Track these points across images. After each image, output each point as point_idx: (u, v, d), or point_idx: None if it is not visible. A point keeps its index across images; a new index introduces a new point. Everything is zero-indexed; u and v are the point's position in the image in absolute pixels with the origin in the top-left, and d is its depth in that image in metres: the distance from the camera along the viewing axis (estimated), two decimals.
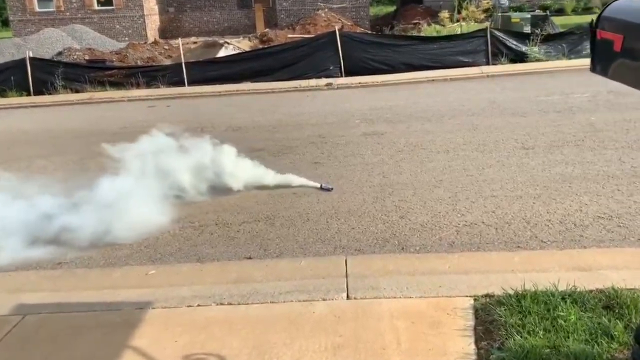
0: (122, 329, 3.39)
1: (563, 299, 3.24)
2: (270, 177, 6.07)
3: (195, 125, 9.66)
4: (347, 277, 3.92)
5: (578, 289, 3.37)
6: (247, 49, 18.64)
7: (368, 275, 3.92)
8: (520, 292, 3.36)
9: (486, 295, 3.48)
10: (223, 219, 5.39)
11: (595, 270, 3.76)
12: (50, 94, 14.39)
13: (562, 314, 3.06)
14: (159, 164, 5.79)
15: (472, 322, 3.20)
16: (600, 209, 4.98)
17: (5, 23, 37.20)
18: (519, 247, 4.42)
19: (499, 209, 5.15)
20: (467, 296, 3.50)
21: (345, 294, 3.63)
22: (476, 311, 3.31)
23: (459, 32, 17.74)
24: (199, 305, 3.63)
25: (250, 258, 4.54)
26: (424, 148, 7.23)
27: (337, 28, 15.33)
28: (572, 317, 3.03)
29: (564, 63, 13.49)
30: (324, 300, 3.57)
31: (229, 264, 4.40)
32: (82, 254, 4.79)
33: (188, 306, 3.64)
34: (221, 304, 3.63)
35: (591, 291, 3.37)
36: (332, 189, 5.95)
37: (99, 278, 4.28)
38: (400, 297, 3.54)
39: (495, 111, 9.04)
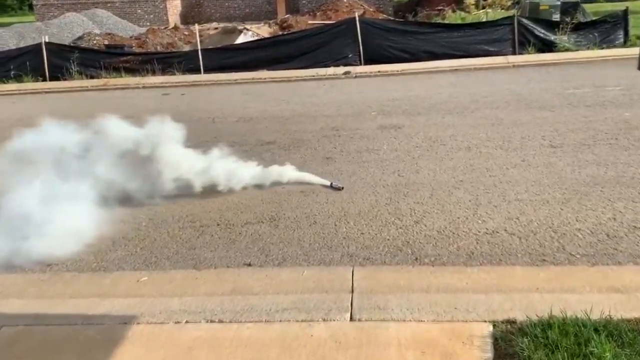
0: (101, 347, 3.08)
1: (596, 330, 2.83)
2: (273, 175, 5.72)
3: (207, 115, 9.38)
4: (352, 292, 3.56)
5: (614, 318, 2.96)
6: (267, 35, 18.27)
7: (376, 291, 3.55)
8: (546, 320, 2.96)
9: (507, 321, 3.08)
10: (226, 219, 5.06)
11: (633, 292, 3.34)
12: (65, 79, 14.23)
13: (595, 350, 2.65)
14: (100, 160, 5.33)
15: (490, 355, 2.81)
16: (637, 217, 4.51)
17: (32, 7, 37.36)
18: (544, 260, 3.99)
19: (523, 215, 4.72)
20: (485, 321, 3.11)
21: (348, 315, 3.27)
22: (495, 341, 2.91)
23: (484, 20, 17.10)
24: (187, 322, 3.31)
25: (249, 265, 4.19)
26: (443, 144, 6.79)
27: (358, 14, 14.82)
28: (607, 354, 2.62)
29: (595, 53, 12.82)
30: (324, 321, 3.21)
31: (226, 272, 4.06)
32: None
33: (176, 322, 3.31)
34: (212, 321, 3.30)
35: (629, 320, 2.96)
36: (342, 187, 5.58)
37: (88, 284, 3.99)
38: (410, 320, 3.16)
39: (521, 104, 8.52)
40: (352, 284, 3.68)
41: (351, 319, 3.23)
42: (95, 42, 19.21)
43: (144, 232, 4.90)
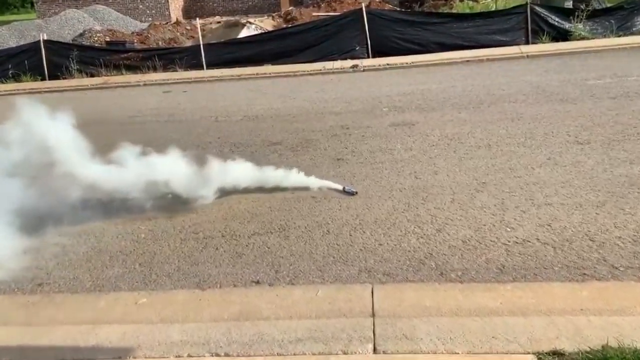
0: None
1: None
2: (276, 178, 5.35)
3: (209, 113, 9.00)
4: (373, 316, 3.18)
5: None
6: (270, 29, 17.82)
7: (400, 315, 3.17)
8: (600, 353, 2.57)
9: (554, 353, 2.70)
10: (231, 230, 4.68)
11: None
12: (65, 78, 13.87)
13: None
14: None
15: None
16: None
17: (33, 5, 36.95)
18: (584, 274, 3.59)
19: (555, 221, 4.32)
20: (528, 353, 2.72)
21: (371, 346, 2.89)
22: None
23: (493, 8, 16.57)
24: (189, 356, 2.94)
25: (258, 283, 3.82)
26: (461, 142, 6.38)
27: (364, 5, 14.35)
28: None
29: (612, 41, 12.30)
30: (344, 354, 2.84)
31: (232, 292, 3.69)
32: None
33: (176, 356, 2.94)
34: (217, 354, 2.93)
35: None
36: (356, 192, 5.18)
37: (81, 307, 3.63)
38: (442, 352, 2.78)
39: (540, 97, 8.08)
40: (373, 305, 3.31)
41: (374, 350, 2.85)
42: (96, 38, 18.82)
43: (143, 246, 4.54)
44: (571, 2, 14.93)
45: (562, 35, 12.93)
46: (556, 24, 13.06)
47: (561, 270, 3.66)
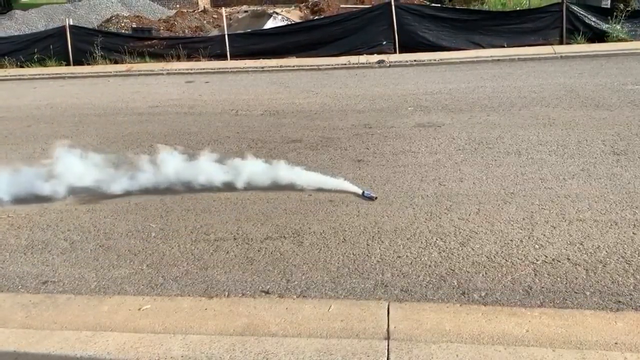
0: None
1: None
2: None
3: (230, 107, 8.82)
4: (388, 339, 2.96)
5: None
6: (297, 20, 17.57)
7: (417, 339, 2.94)
8: None
9: None
10: (244, 232, 4.49)
11: None
12: (89, 64, 13.84)
13: None
14: None
15: None
16: None
17: None
18: (619, 302, 3.32)
19: (588, 239, 4.03)
20: None
21: None
22: None
23: (527, 6, 16.06)
24: None
25: (267, 293, 3.63)
26: (489, 147, 6.08)
27: None
28: None
29: None
30: None
31: (240, 302, 3.50)
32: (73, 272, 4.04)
33: None
34: None
35: None
36: (376, 197, 4.95)
37: (83, 310, 3.48)
38: None
39: (574, 101, 7.70)
40: (388, 326, 3.08)
41: None
42: (123, 24, 18.83)
43: (153, 245, 4.38)
44: (609, 1, 14.36)
45: (598, 36, 12.43)
46: (592, 23, 12.55)
47: (593, 295, 3.40)
